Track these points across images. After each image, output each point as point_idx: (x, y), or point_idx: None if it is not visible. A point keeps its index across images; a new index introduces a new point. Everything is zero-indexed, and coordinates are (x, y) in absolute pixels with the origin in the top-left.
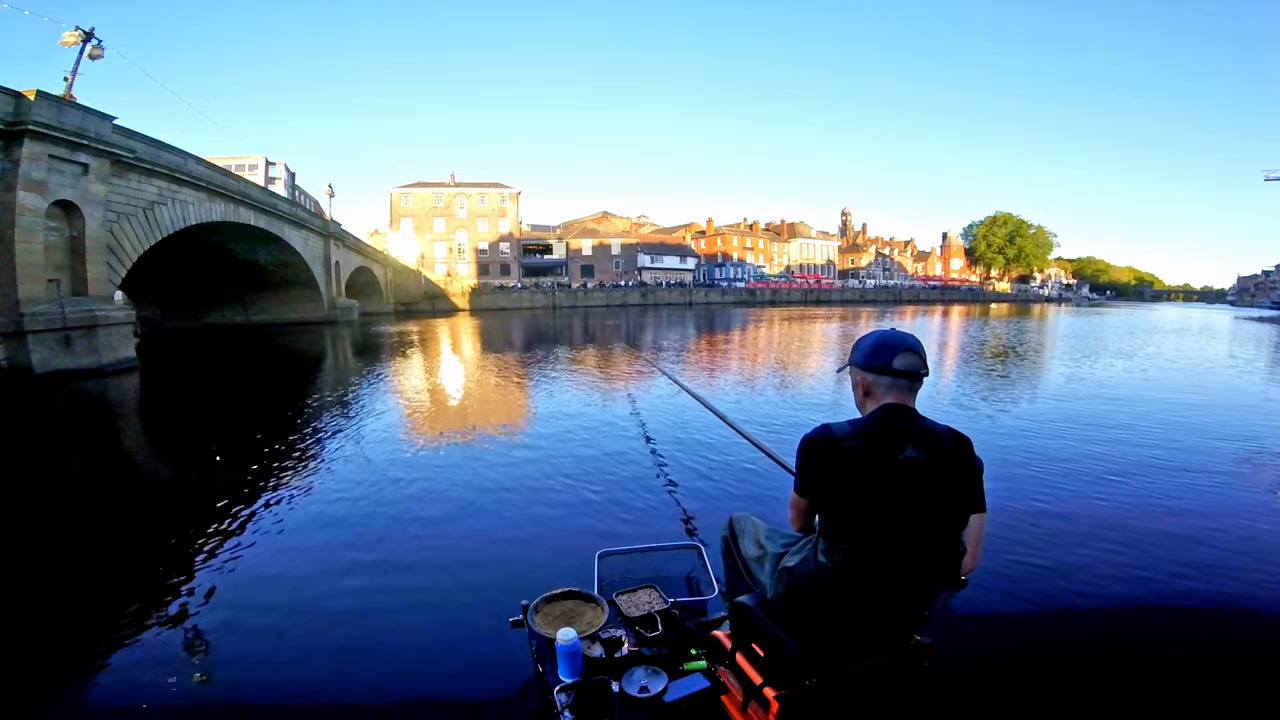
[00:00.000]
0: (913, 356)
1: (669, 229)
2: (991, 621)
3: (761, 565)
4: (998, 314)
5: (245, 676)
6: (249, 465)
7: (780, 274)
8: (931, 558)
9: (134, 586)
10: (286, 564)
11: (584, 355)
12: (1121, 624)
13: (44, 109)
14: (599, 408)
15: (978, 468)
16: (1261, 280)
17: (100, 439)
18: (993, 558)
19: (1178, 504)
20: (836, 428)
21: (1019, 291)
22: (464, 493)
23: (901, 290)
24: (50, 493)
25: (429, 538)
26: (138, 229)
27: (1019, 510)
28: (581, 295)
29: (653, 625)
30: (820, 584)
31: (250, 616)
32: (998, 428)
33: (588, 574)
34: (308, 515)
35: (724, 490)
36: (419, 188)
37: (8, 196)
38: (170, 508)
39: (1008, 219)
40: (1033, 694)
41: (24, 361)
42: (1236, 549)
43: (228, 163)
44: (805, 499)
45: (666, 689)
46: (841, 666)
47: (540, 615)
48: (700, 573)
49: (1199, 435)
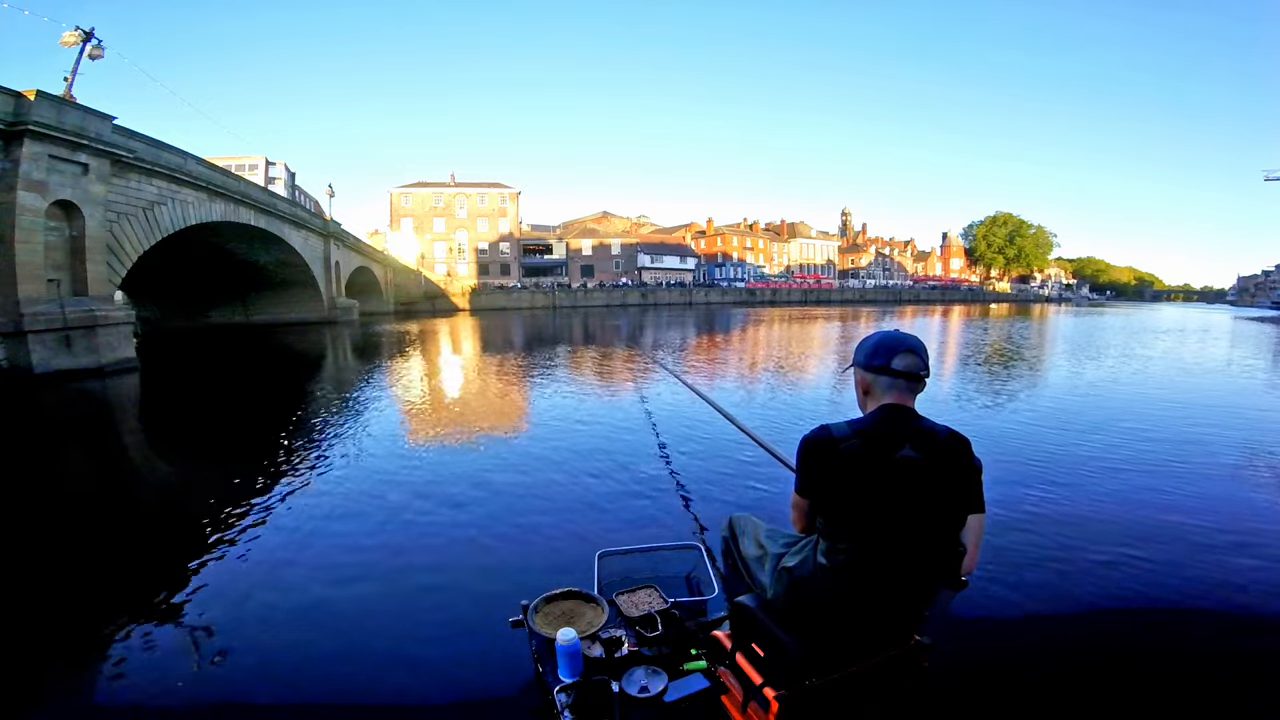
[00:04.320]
0: (913, 357)
1: (669, 229)
2: (991, 621)
3: (762, 565)
4: (998, 314)
5: (244, 676)
6: (248, 465)
7: (780, 274)
8: (930, 558)
9: (133, 586)
10: (286, 564)
11: (584, 355)
12: (1122, 624)
13: (44, 109)
14: (599, 407)
15: (977, 468)
16: (1261, 280)
17: (100, 439)
18: (993, 558)
19: (1178, 504)
20: (835, 428)
21: (1019, 291)
22: (463, 492)
23: (901, 290)
24: (50, 493)
25: (428, 537)
26: (138, 229)
27: (1019, 510)
28: (581, 295)
29: (653, 625)
30: (820, 584)
31: (249, 617)
32: (998, 428)
33: (588, 574)
34: (307, 515)
35: (724, 490)
36: (419, 188)
37: (8, 196)
38: (170, 508)
39: (1008, 219)
40: (1033, 694)
41: (24, 361)
42: (1238, 549)
43: (228, 163)
44: (806, 499)
45: (666, 689)
46: (841, 666)
47: (540, 615)
48: (700, 573)
49: (1200, 435)
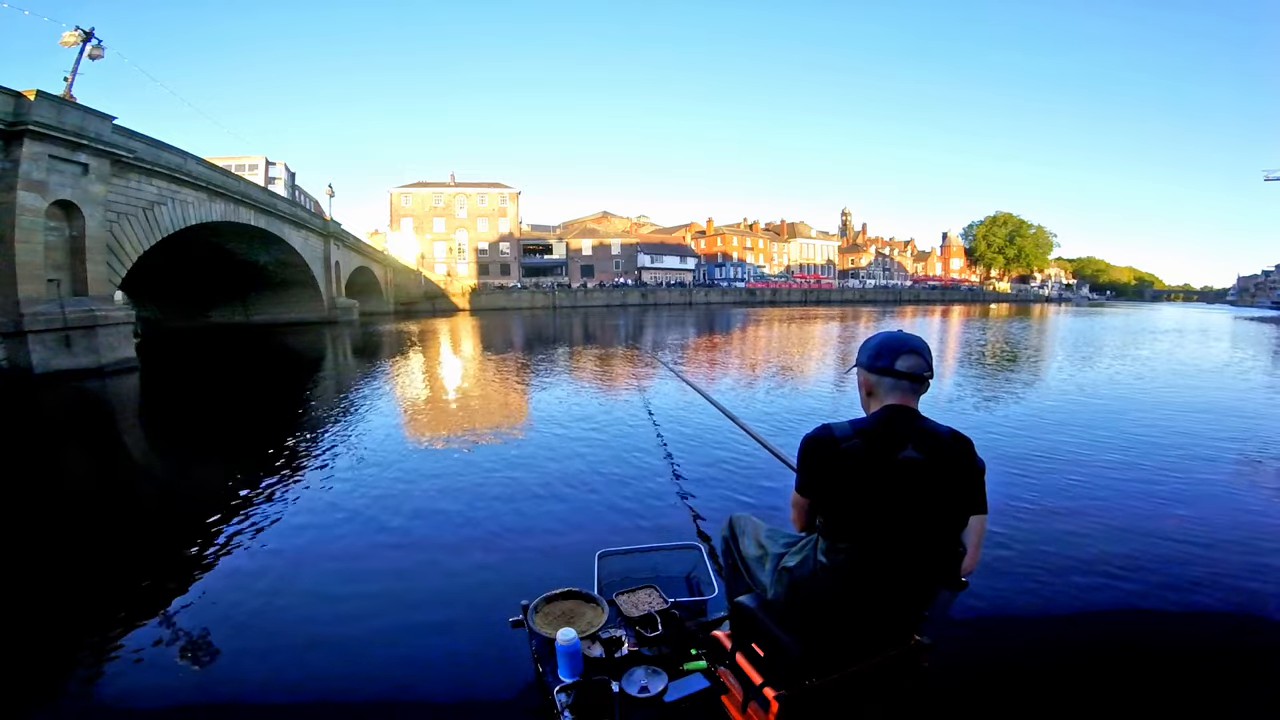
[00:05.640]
0: (916, 358)
1: (669, 229)
2: (992, 621)
3: (762, 565)
4: (998, 314)
5: (244, 676)
6: (248, 466)
7: (780, 274)
8: (930, 558)
9: (133, 586)
10: (285, 564)
11: (584, 355)
12: (1122, 624)
13: (44, 109)
14: (599, 407)
15: (979, 469)
16: (1262, 280)
17: (100, 439)
18: (993, 558)
19: (1179, 504)
20: (836, 427)
21: (1019, 292)
22: (463, 492)
23: (901, 290)
24: (50, 493)
25: (428, 538)
26: (138, 229)
27: (1020, 510)
28: (581, 295)
29: (653, 625)
30: (820, 584)
31: (249, 616)
32: (999, 428)
33: (588, 574)
34: (307, 516)
35: (725, 490)
36: (419, 188)
37: (8, 196)
38: (170, 508)
39: (1008, 219)
40: (1033, 694)
41: (24, 361)
42: (1238, 549)
43: (228, 163)
44: (806, 498)
45: (666, 689)
46: (841, 666)
47: (540, 615)
48: (700, 573)
49: (1200, 435)
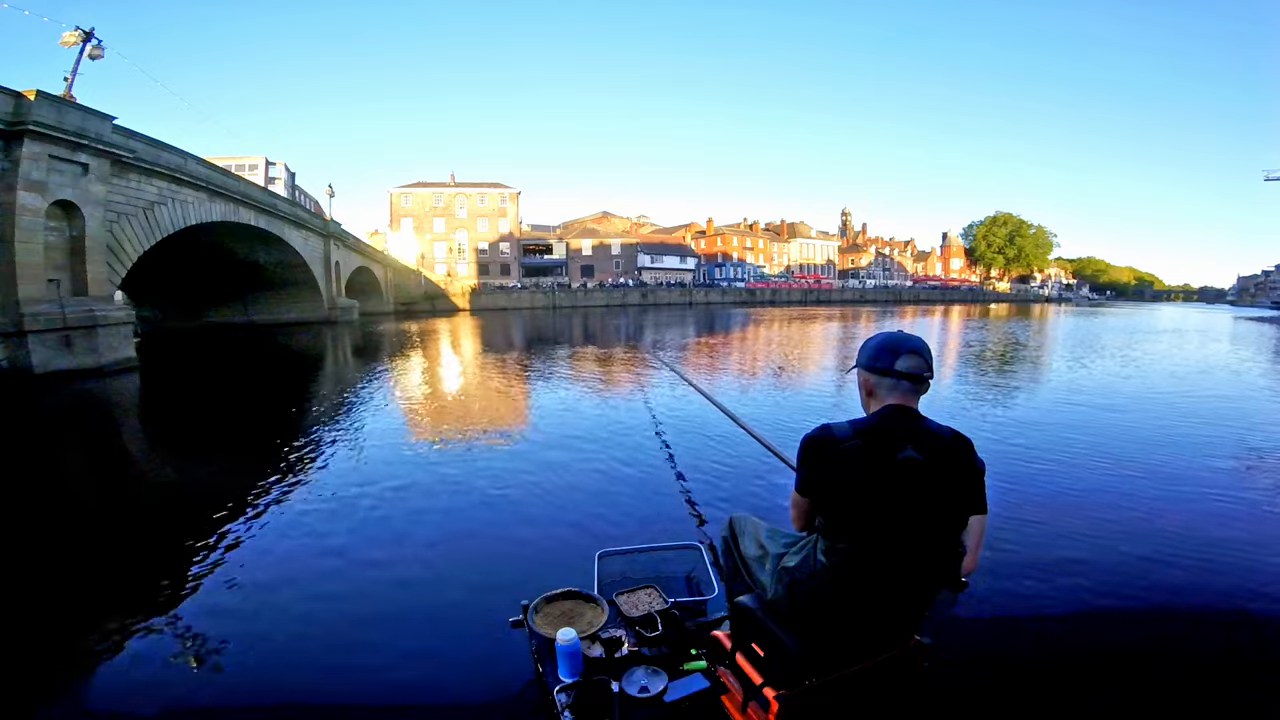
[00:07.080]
0: (916, 359)
1: (669, 229)
2: (991, 622)
3: (762, 565)
4: (998, 314)
5: (244, 677)
6: (248, 466)
7: (780, 274)
8: (930, 558)
9: (132, 587)
10: (285, 564)
11: (584, 355)
12: (1122, 625)
13: (44, 109)
14: (599, 406)
15: (979, 469)
16: (1262, 280)
17: (100, 439)
18: (994, 558)
19: (1179, 504)
20: (836, 428)
21: (1019, 292)
22: (463, 492)
23: (901, 290)
24: (50, 493)
25: (428, 538)
26: (138, 229)
27: (1020, 510)
28: (581, 295)
29: (653, 625)
30: (820, 584)
31: (248, 617)
32: (999, 428)
33: (588, 574)
34: (307, 516)
35: (725, 490)
36: (419, 188)
37: (8, 196)
38: (169, 508)
39: (1008, 219)
40: (1033, 694)
41: (24, 361)
42: (1238, 550)
43: (228, 163)
44: (806, 498)
45: (666, 689)
46: (841, 666)
47: (540, 615)
48: (700, 573)
49: (1201, 436)
